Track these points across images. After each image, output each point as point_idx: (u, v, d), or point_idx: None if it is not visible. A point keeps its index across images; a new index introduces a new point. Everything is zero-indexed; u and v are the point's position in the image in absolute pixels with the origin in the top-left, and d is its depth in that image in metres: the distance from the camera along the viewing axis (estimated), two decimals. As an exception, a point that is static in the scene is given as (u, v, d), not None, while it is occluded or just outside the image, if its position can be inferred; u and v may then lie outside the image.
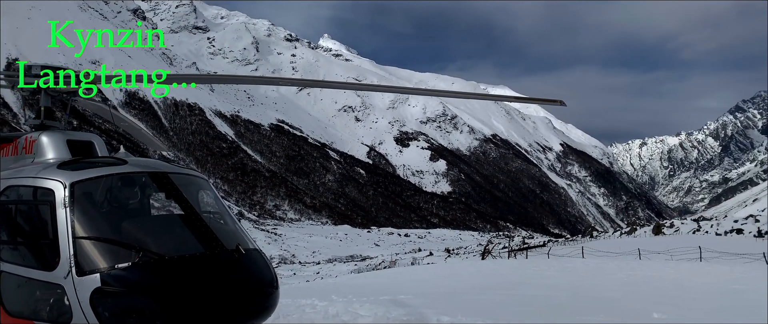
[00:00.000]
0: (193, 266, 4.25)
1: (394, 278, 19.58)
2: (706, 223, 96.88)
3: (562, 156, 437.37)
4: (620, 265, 21.44)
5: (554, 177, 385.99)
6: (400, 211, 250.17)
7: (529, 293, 13.00)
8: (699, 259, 28.28)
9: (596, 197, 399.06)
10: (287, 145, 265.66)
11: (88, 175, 4.73)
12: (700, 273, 17.73)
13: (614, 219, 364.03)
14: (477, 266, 25.07)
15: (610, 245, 47.48)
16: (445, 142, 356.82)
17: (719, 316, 9.80)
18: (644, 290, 13.39)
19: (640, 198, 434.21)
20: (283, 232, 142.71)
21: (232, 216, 5.45)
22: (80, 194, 4.56)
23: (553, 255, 37.10)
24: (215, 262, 4.36)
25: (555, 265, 22.34)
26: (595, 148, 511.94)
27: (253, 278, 4.52)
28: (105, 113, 7.18)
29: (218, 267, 4.35)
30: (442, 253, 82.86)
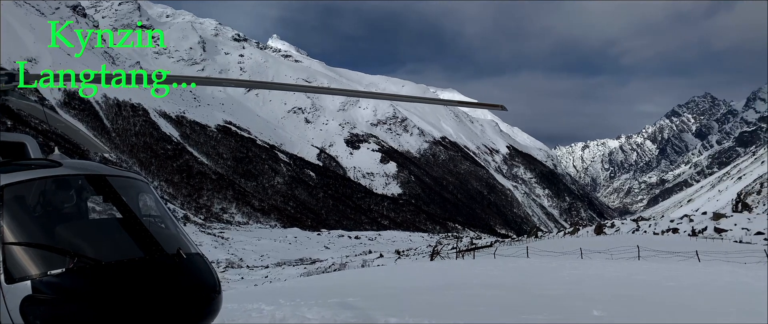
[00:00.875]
0: (131, 271, 4.05)
1: (343, 281, 19.54)
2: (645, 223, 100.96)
3: (509, 158, 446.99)
4: (563, 264, 22.05)
5: (501, 179, 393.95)
6: (350, 214, 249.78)
7: (476, 293, 13.21)
8: (637, 257, 29.40)
9: (541, 198, 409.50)
10: (235, 147, 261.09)
11: (18, 178, 4.49)
12: (639, 271, 18.45)
13: (558, 219, 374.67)
14: (426, 267, 25.31)
15: (554, 245, 48.81)
16: (395, 145, 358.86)
17: (655, 312, 10.22)
18: (585, 288, 13.82)
19: (582, 199, 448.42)
20: (230, 236, 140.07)
21: (174, 219, 5.29)
22: (10, 198, 4.36)
23: (499, 255, 37.84)
24: (154, 267, 4.19)
25: (501, 264, 22.78)
26: (539, 151, 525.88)
27: (194, 283, 4.36)
28: (39, 113, 6.82)
29: (157, 272, 4.17)
30: (393, 255, 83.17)
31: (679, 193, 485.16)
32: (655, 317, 9.56)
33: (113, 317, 3.78)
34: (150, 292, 3.98)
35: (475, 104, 5.71)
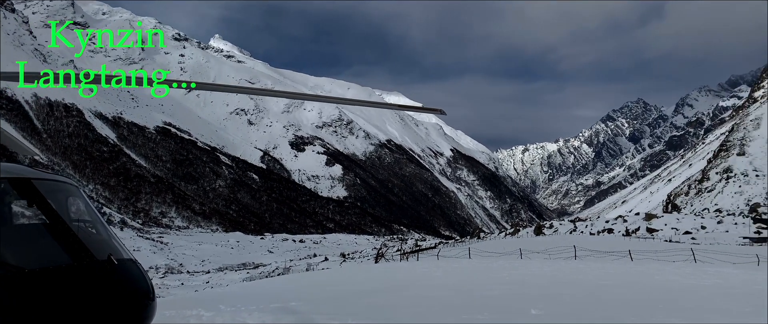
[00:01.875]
0: (57, 279, 3.83)
1: (287, 285, 19.31)
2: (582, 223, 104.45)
3: (453, 161, 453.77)
4: (504, 264, 22.54)
5: (445, 181, 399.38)
6: (295, 217, 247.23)
7: (418, 294, 13.33)
8: (574, 257, 30.36)
9: (483, 200, 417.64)
10: (174, 149, 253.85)
11: None
12: (575, 270, 19.08)
13: (500, 221, 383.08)
14: (370, 269, 25.34)
15: (495, 246, 49.87)
16: (341, 147, 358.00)
17: (589, 310, 10.59)
18: (524, 288, 14.18)
19: (523, 201, 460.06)
20: (169, 241, 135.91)
21: (105, 224, 5.06)
22: None
23: (442, 256, 38.30)
24: (82, 274, 3.99)
25: (444, 266, 23.07)
26: (482, 154, 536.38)
27: (126, 290, 4.19)
28: None
29: (86, 279, 3.97)
30: (338, 258, 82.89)
31: (613, 194, 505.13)
32: (590, 315, 9.91)
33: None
34: (78, 301, 3.80)
35: (415, 108, 5.75)
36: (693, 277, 16.46)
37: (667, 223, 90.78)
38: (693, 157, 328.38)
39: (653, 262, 24.27)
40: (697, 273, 17.98)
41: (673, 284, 14.75)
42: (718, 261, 25.54)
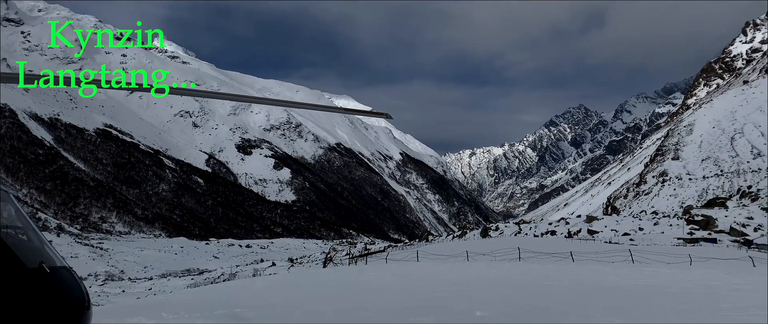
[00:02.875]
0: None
1: (232, 291, 18.93)
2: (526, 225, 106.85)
3: (402, 165, 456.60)
4: (451, 267, 22.80)
5: (394, 184, 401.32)
6: (241, 221, 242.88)
7: (367, 298, 13.32)
8: (518, 259, 31.01)
9: (432, 203, 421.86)
10: (115, 152, 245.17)
11: None
12: (519, 272, 19.50)
13: (448, 223, 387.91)
14: (319, 274, 25.15)
15: (443, 248, 50.43)
16: (289, 150, 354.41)
17: (532, 311, 10.84)
18: (470, 290, 14.38)
19: (470, 204, 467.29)
20: (110, 247, 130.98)
21: (37, 231, 4.77)
22: None
23: (391, 260, 38.42)
24: (11, 283, 3.84)
25: (392, 269, 23.14)
26: (431, 158, 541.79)
27: (58, 298, 4.02)
28: None
29: (16, 288, 3.83)
30: (286, 263, 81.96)
31: (556, 197, 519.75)
32: (533, 317, 10.15)
33: None
34: (6, 311, 3.66)
35: (362, 112, 5.75)
36: (631, 277, 17.09)
37: (607, 225, 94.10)
38: (631, 161, 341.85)
39: (594, 263, 25.08)
40: (635, 273, 18.69)
41: (613, 284, 15.28)
42: (655, 261, 26.63)
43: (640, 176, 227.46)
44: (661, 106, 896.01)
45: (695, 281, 15.87)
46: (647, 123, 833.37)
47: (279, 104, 5.40)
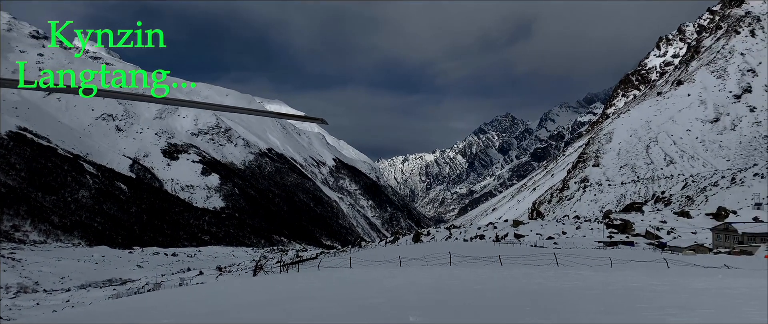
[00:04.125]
0: None
1: (156, 301, 18.15)
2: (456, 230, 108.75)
3: (335, 170, 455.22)
4: (384, 272, 22.84)
5: (327, 190, 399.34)
6: (167, 229, 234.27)
7: (298, 307, 13.10)
8: (449, 263, 31.48)
9: (365, 209, 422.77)
10: (30, 157, 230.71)
11: None
12: (450, 276, 19.76)
13: (381, 229, 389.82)
14: (248, 283, 24.55)
15: (376, 254, 50.53)
16: (218, 156, 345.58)
17: (463, 315, 10.98)
18: (403, 295, 14.43)
19: (402, 209, 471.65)
20: (23, 257, 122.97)
21: None
22: None
23: (323, 267, 38.11)
24: None
25: (325, 276, 22.93)
26: (364, 164, 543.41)
27: None
28: None
29: None
30: (214, 272, 79.82)
31: (485, 202, 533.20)
32: (464, 320, 10.28)
33: None
34: None
35: (297, 117, 5.63)
36: (556, 280, 17.67)
37: (532, 229, 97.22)
38: (555, 167, 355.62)
39: (521, 267, 25.80)
40: (560, 276, 19.35)
41: (539, 287, 15.74)
42: (578, 264, 27.73)
43: (563, 182, 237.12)
44: (582, 115, 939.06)
45: (615, 283, 16.60)
46: (570, 131, 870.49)
47: (210, 108, 5.19)
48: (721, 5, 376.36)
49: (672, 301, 11.91)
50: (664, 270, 25.67)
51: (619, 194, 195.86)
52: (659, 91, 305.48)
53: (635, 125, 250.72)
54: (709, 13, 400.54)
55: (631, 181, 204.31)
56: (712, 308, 10.70)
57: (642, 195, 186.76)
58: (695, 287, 15.04)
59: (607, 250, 58.48)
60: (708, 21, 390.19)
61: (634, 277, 18.89)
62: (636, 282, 16.84)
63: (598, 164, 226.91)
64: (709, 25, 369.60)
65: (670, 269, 26.33)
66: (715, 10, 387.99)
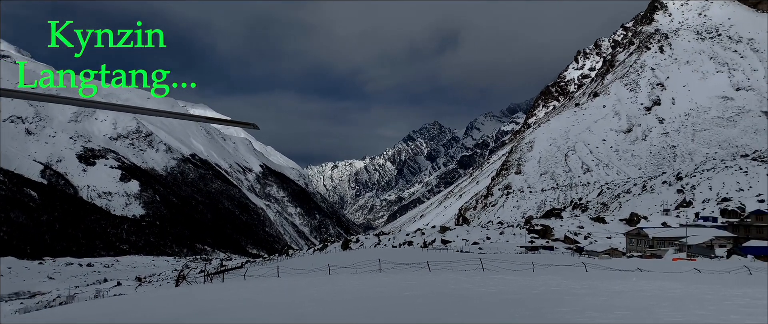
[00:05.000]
0: None
1: (69, 315, 17.09)
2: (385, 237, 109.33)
3: (262, 177, 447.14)
4: (312, 281, 22.57)
5: (254, 198, 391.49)
6: (82, 238, 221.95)
7: (223, 319, 12.69)
8: (379, 270, 31.55)
9: (293, 217, 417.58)
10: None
11: None
12: (380, 283, 19.78)
13: (309, 237, 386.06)
14: (170, 294, 23.59)
15: (304, 262, 49.94)
16: (138, 161, 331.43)
17: (393, 321, 10.99)
18: (332, 304, 14.29)
19: (331, 216, 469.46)
20: None
21: None
22: None
23: (250, 276, 37.26)
24: None
25: (251, 286, 22.40)
26: (292, 170, 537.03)
27: None
28: None
29: None
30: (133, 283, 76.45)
31: (413, 209, 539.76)
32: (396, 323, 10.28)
33: None
34: None
35: (228, 121, 5.43)
36: (482, 285, 18.05)
37: (458, 235, 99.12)
38: (480, 175, 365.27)
39: (449, 272, 26.21)
40: (485, 280, 19.79)
41: (466, 292, 16.01)
42: (502, 269, 28.50)
43: (488, 189, 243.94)
44: (506, 124, 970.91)
45: (539, 287, 17.16)
46: (494, 140, 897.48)
47: (131, 111, 4.91)
48: (634, 22, 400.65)
49: (591, 304, 12.43)
50: (583, 273, 26.83)
51: (539, 201, 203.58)
52: (577, 102, 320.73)
53: (555, 135, 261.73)
54: (623, 30, 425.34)
55: (550, 188, 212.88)
56: (629, 310, 11.24)
57: (561, 201, 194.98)
58: (612, 290, 15.78)
59: (529, 255, 60.53)
60: (622, 36, 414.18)
61: (555, 280, 19.60)
62: (558, 285, 17.47)
63: (521, 172, 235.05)
64: (623, 40, 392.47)
65: (589, 273, 27.54)
66: (628, 27, 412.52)
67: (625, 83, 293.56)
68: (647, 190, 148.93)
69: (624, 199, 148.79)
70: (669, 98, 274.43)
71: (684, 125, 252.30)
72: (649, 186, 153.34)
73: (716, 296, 13.11)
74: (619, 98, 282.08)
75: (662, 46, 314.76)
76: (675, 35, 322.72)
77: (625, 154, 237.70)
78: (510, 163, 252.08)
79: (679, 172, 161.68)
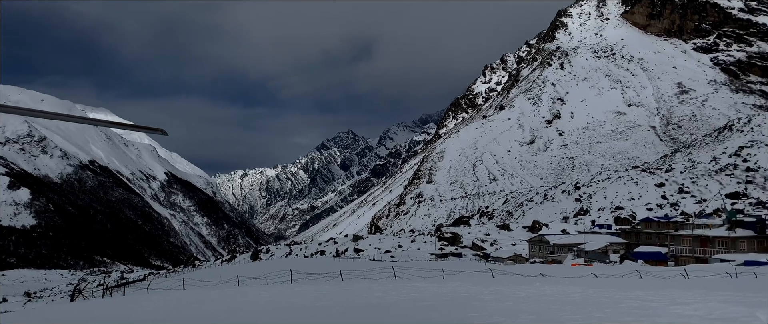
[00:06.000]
0: None
1: None
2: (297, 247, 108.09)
3: (167, 185, 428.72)
4: (220, 293, 21.88)
5: (158, 207, 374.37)
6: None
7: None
8: (290, 281, 31.10)
9: (199, 227, 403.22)
10: None
11: None
12: (291, 293, 19.48)
13: (216, 247, 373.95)
14: (65, 310, 22.01)
15: (211, 274, 48.32)
16: (29, 168, 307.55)
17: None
18: (242, 317, 13.90)
19: (240, 226, 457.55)
20: None
21: None
22: None
23: (153, 289, 35.57)
24: None
25: (154, 299, 21.36)
26: (199, 178, 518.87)
27: None
28: None
29: None
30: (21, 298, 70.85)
31: (326, 218, 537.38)
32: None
33: None
34: None
35: (133, 127, 5.15)
36: (395, 293, 18.23)
37: (371, 244, 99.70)
38: (393, 184, 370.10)
39: (362, 281, 26.28)
40: (398, 288, 20.00)
41: (379, 300, 16.11)
42: (414, 276, 28.94)
43: (400, 198, 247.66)
44: (418, 134, 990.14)
45: (449, 293, 17.57)
46: (406, 149, 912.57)
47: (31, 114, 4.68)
48: (537, 39, 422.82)
49: (498, 309, 12.88)
50: (490, 279, 27.78)
51: (449, 209, 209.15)
52: (484, 114, 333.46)
53: (464, 145, 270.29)
54: (527, 46, 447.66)
55: (460, 197, 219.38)
56: (533, 314, 11.75)
57: (469, 209, 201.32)
58: (518, 295, 16.43)
59: (439, 262, 61.94)
60: (526, 53, 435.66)
61: (464, 287, 20.15)
62: (466, 292, 17.97)
63: (432, 181, 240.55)
64: (527, 56, 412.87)
65: (495, 279, 28.56)
66: (532, 44, 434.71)
67: (529, 97, 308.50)
68: (548, 199, 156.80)
69: (527, 208, 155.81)
70: (568, 112, 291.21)
71: (581, 138, 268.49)
72: (549, 195, 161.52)
73: (612, 299, 13.99)
74: (523, 111, 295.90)
75: (563, 63, 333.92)
76: (574, 53, 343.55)
77: (528, 165, 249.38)
78: (421, 173, 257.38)
79: (577, 182, 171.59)
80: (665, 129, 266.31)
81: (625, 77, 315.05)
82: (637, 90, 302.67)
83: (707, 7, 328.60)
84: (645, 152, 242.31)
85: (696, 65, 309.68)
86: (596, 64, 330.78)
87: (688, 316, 10.56)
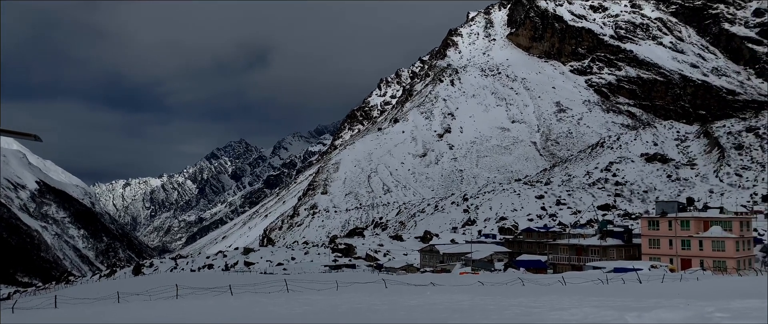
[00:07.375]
0: None
1: None
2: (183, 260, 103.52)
3: (38, 195, 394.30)
4: (99, 311, 20.46)
5: (27, 219, 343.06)
6: None
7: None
8: (176, 296, 29.70)
9: (75, 240, 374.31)
10: None
11: None
12: (176, 310, 18.58)
13: (94, 262, 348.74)
14: None
15: (88, 290, 45.00)
16: None
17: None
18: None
19: (121, 239, 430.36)
20: None
21: None
22: None
23: (19, 308, 32.49)
24: None
25: (23, 319, 19.54)
26: (76, 188, 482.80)
27: None
28: None
29: None
30: None
31: (215, 230, 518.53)
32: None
33: None
34: None
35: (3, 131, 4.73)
36: (287, 307, 17.96)
37: (263, 256, 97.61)
38: (287, 194, 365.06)
39: (252, 295, 25.61)
40: (291, 302, 19.72)
41: (270, 315, 15.80)
42: (307, 289, 28.63)
43: (294, 209, 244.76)
44: (313, 144, 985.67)
45: (342, 305, 17.58)
46: (301, 160, 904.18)
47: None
48: (430, 56, 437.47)
49: (391, 318, 13.08)
50: (383, 290, 28.15)
51: (344, 220, 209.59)
52: (379, 127, 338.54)
53: (359, 157, 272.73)
54: (421, 62, 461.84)
55: (354, 208, 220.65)
56: (425, 321, 12.04)
57: (364, 220, 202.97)
58: (409, 304, 16.78)
59: (333, 274, 61.84)
60: (419, 68, 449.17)
61: (357, 298, 20.26)
62: (360, 303, 18.08)
63: (327, 192, 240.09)
64: (420, 72, 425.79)
65: (388, 289, 28.96)
66: (425, 60, 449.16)
67: (422, 111, 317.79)
68: (439, 210, 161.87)
69: (419, 218, 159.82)
70: (458, 127, 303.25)
71: (470, 152, 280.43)
72: (440, 206, 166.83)
73: (498, 306, 14.68)
74: (416, 125, 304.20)
75: (453, 80, 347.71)
76: (464, 71, 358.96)
77: (420, 177, 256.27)
78: (317, 184, 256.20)
79: (465, 193, 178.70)
80: (545, 145, 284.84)
81: (510, 95, 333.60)
82: (520, 108, 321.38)
83: (583, 32, 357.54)
84: (527, 166, 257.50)
85: (573, 86, 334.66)
86: (483, 82, 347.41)
87: (567, 320, 11.32)
